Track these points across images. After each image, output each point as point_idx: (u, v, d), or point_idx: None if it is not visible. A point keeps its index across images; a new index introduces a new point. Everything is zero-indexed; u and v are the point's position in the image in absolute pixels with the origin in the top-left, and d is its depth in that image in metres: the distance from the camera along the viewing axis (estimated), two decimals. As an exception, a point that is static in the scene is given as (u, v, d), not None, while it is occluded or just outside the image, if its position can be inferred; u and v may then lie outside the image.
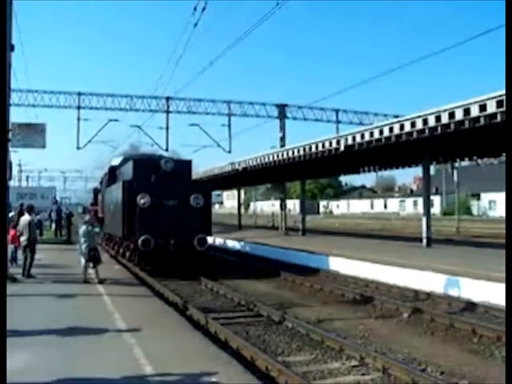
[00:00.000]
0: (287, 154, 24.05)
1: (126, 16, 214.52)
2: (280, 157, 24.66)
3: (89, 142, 35.97)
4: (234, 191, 66.06)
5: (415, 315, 10.44)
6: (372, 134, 18.02)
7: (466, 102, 14.15)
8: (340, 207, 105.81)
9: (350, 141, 19.19)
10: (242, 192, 55.71)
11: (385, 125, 17.91)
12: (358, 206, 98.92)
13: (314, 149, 21.66)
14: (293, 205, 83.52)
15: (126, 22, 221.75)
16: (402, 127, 16.59)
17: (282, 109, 38.19)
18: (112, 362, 6.20)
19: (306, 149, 22.22)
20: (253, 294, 12.99)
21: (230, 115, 37.53)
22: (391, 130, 17.08)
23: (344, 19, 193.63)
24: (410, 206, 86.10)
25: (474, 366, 7.32)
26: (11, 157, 11.99)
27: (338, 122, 39.35)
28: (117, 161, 23.61)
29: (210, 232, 17.75)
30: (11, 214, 17.39)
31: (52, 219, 35.41)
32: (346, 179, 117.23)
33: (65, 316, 8.93)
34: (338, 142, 19.89)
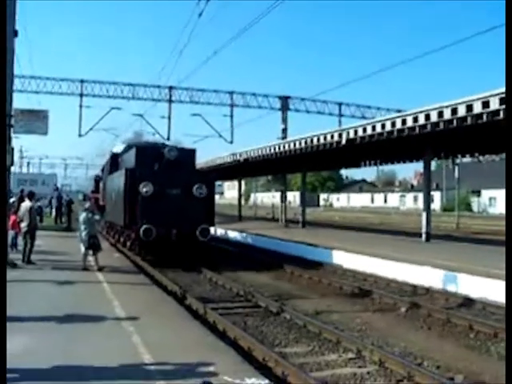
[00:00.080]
0: (289, 146, 24.01)
1: (129, 4, 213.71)
2: (282, 149, 24.63)
3: (91, 129, 35.99)
4: (235, 182, 66.08)
5: (413, 310, 10.49)
6: (374, 128, 17.99)
7: (468, 99, 14.12)
8: (340, 200, 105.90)
9: (352, 134, 19.17)
10: (243, 183, 55.76)
11: (387, 119, 17.88)
12: (358, 200, 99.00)
13: (315, 141, 21.64)
14: (293, 197, 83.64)
15: (130, 10, 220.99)
16: (405, 122, 16.57)
17: (285, 101, 38.13)
18: (111, 350, 6.24)
19: (308, 141, 22.20)
20: (251, 285, 13.03)
21: (232, 106, 37.50)
22: (393, 124, 17.05)
23: (348, 12, 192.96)
24: (410, 201, 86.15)
25: (469, 362, 7.37)
26: (13, 143, 11.94)
27: (340, 115, 39.35)
28: (119, 148, 23.40)
29: (213, 222, 17.59)
30: (12, 199, 17.43)
31: (52, 206, 35.46)
32: (347, 173, 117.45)
33: (64, 302, 8.98)
34: (340, 136, 19.87)
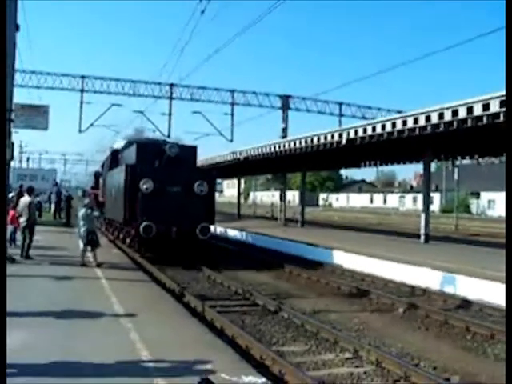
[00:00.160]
0: (289, 145, 24.01)
1: (131, 1, 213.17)
2: (282, 148, 24.63)
3: (91, 125, 35.85)
4: (234, 180, 66.10)
5: (410, 310, 10.51)
6: (374, 129, 18.00)
7: (469, 101, 14.13)
8: (339, 200, 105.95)
9: (353, 134, 19.18)
10: (242, 181, 55.76)
11: (387, 120, 17.89)
12: (358, 200, 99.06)
13: (315, 141, 21.64)
14: (292, 196, 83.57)
15: (132, 7, 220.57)
16: (405, 123, 16.58)
17: (286, 100, 38.08)
18: (109, 346, 6.24)
19: (308, 141, 22.20)
20: (250, 284, 13.05)
21: (233, 104, 37.44)
22: (394, 125, 17.06)
23: (350, 13, 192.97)
24: (409, 202, 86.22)
25: (466, 363, 7.39)
26: (13, 137, 11.94)
27: (340, 115, 39.28)
28: (119, 144, 23.27)
29: (213, 221, 17.49)
30: (11, 194, 17.44)
31: (51, 201, 35.45)
32: (347, 173, 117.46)
33: (62, 298, 8.99)
34: (340, 136, 19.87)
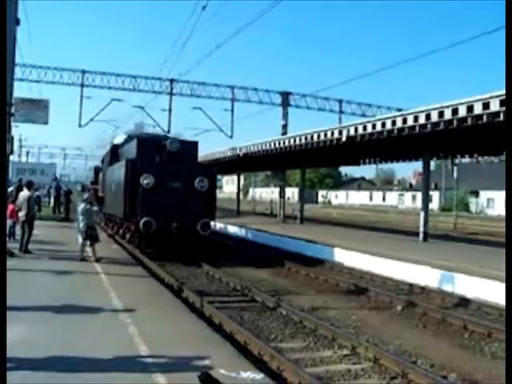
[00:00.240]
0: (289, 142, 24.01)
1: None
2: (281, 144, 24.62)
3: (91, 120, 35.84)
4: (234, 176, 66.09)
5: (408, 308, 10.53)
6: (374, 127, 17.99)
7: (469, 99, 14.12)
8: (338, 197, 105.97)
9: (352, 132, 19.17)
10: (242, 178, 55.76)
11: (387, 118, 17.87)
12: (357, 198, 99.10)
13: (315, 138, 21.63)
14: (292, 193, 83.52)
15: (132, 2, 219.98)
16: (405, 121, 16.56)
17: (286, 96, 38.09)
18: (108, 341, 6.26)
19: (308, 138, 22.19)
20: (248, 280, 13.07)
21: (233, 100, 37.44)
22: (394, 123, 17.05)
23: (351, 10, 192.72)
24: (408, 200, 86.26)
25: (463, 361, 7.42)
26: (13, 131, 11.94)
27: (340, 112, 39.32)
28: (120, 139, 23.17)
29: (214, 217, 17.41)
30: (10, 188, 17.43)
31: (51, 196, 35.44)
32: (346, 170, 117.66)
33: (61, 293, 9.01)
34: (341, 133, 19.87)
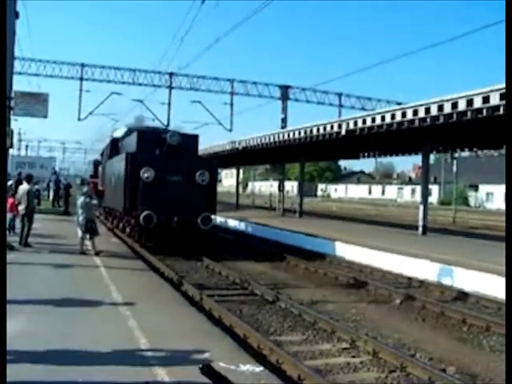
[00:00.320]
0: (288, 135, 23.99)
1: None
2: (281, 138, 24.61)
3: (90, 113, 35.81)
4: (233, 170, 65.97)
5: (407, 302, 10.56)
6: (374, 120, 17.98)
7: (469, 93, 14.10)
8: (338, 191, 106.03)
9: (352, 125, 19.16)
10: (241, 171, 55.72)
11: (387, 111, 17.86)
12: (356, 191, 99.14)
13: (315, 132, 21.62)
14: (291, 186, 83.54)
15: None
16: (404, 115, 16.56)
17: (285, 90, 38.03)
18: (108, 334, 6.29)
19: (308, 131, 22.18)
20: (248, 273, 13.10)
21: (232, 94, 37.37)
22: (393, 116, 17.04)
23: (351, 4, 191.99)
24: (407, 194, 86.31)
25: (461, 354, 7.45)
26: (12, 125, 11.94)
27: (340, 105, 39.26)
28: (120, 132, 23.08)
29: (215, 210, 17.32)
30: (9, 182, 17.44)
31: (50, 189, 35.41)
32: (345, 164, 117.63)
33: (61, 286, 9.04)
34: (340, 126, 19.86)
